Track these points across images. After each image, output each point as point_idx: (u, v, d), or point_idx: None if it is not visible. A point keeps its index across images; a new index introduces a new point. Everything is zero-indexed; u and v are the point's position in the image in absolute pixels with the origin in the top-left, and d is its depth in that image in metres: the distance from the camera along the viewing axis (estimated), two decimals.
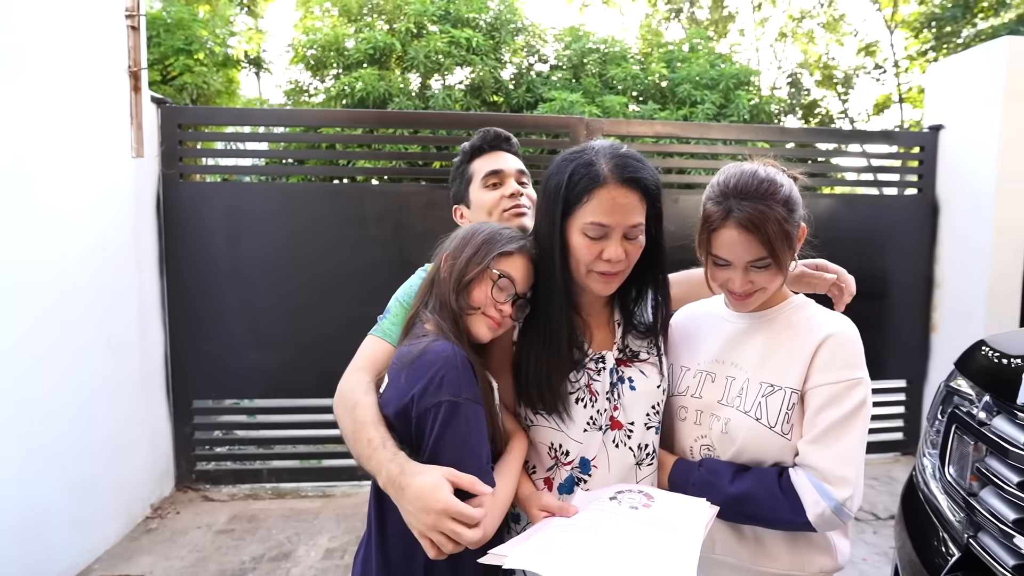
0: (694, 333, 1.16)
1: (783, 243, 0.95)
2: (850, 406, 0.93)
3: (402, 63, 8.30)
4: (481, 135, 1.35)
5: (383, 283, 3.26)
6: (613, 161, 0.96)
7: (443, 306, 0.99)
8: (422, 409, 0.86)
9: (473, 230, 1.04)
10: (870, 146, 4.01)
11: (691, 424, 1.08)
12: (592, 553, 0.81)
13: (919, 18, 10.53)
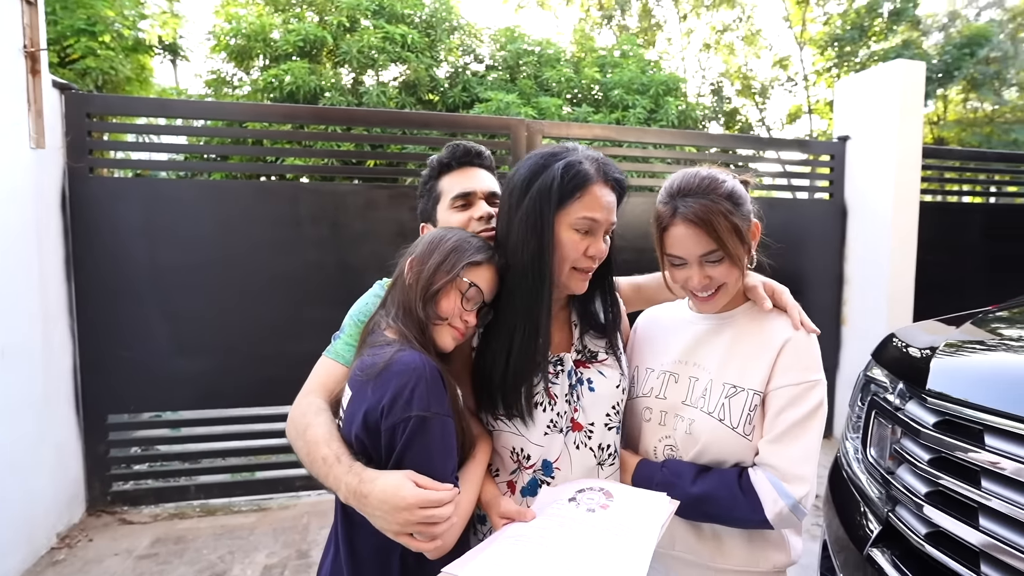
0: (658, 335, 1.18)
1: (731, 236, 0.98)
2: (809, 407, 0.97)
3: (334, 57, 8.02)
4: (450, 150, 1.24)
5: (319, 285, 3.18)
6: (596, 162, 1.00)
7: (408, 313, 0.95)
8: (391, 424, 0.83)
9: (440, 236, 1.01)
10: (787, 153, 4.32)
11: (655, 425, 1.09)
12: (541, 566, 0.82)
13: (824, 37, 11.50)
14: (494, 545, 0.88)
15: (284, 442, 3.26)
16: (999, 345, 1.31)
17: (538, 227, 0.97)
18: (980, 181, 4.87)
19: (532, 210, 0.98)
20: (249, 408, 3.22)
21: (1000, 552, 0.99)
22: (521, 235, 0.99)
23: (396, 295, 0.99)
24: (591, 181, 0.98)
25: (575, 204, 0.98)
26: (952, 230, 4.19)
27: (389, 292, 1.02)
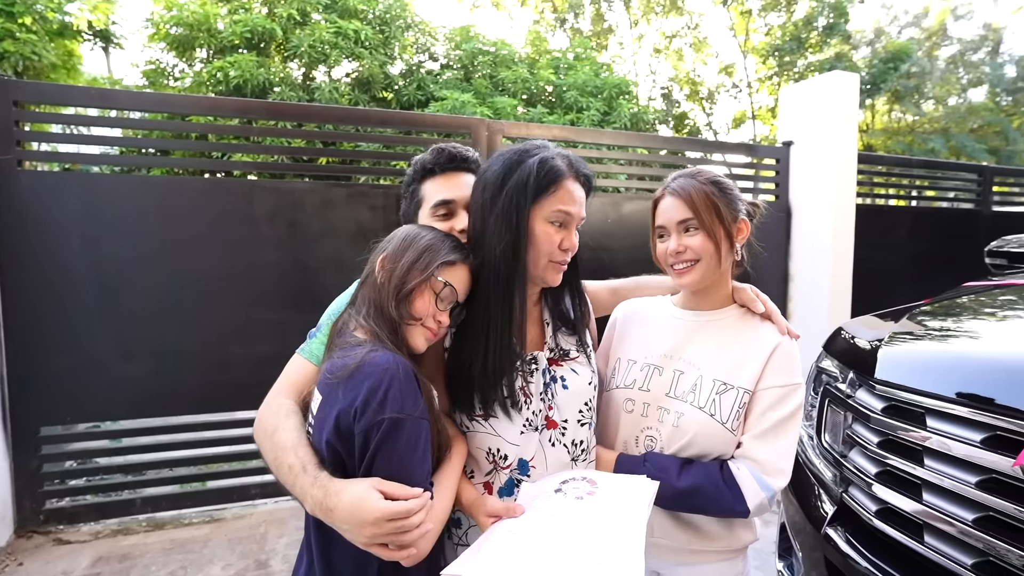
0: (640, 328, 1.21)
1: (708, 210, 1.06)
2: (792, 407, 1.04)
3: (283, 51, 7.76)
4: (435, 153, 1.18)
5: (275, 285, 3.07)
6: (567, 159, 1.03)
7: (379, 312, 0.93)
8: (364, 426, 0.80)
9: (413, 234, 0.99)
10: (736, 156, 4.52)
11: (637, 416, 1.12)
12: (543, 556, 0.82)
13: (765, 47, 12.09)
14: (489, 542, 0.88)
15: (237, 449, 3.13)
16: (934, 336, 1.43)
17: (513, 221, 0.98)
18: (903, 186, 5.24)
19: (508, 204, 0.99)
20: (199, 415, 3.07)
21: (941, 523, 1.08)
22: (496, 230, 0.99)
23: (367, 293, 0.96)
24: (563, 176, 1.01)
25: (550, 198, 1.00)
26: (883, 231, 4.50)
27: (359, 290, 0.99)
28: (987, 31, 14.29)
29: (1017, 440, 0.99)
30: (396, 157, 3.95)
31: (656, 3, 12.79)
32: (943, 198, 5.21)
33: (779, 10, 12.03)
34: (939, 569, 1.07)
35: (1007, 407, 1.03)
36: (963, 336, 1.40)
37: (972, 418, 1.07)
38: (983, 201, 5.10)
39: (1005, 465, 0.99)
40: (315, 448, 0.88)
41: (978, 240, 5.09)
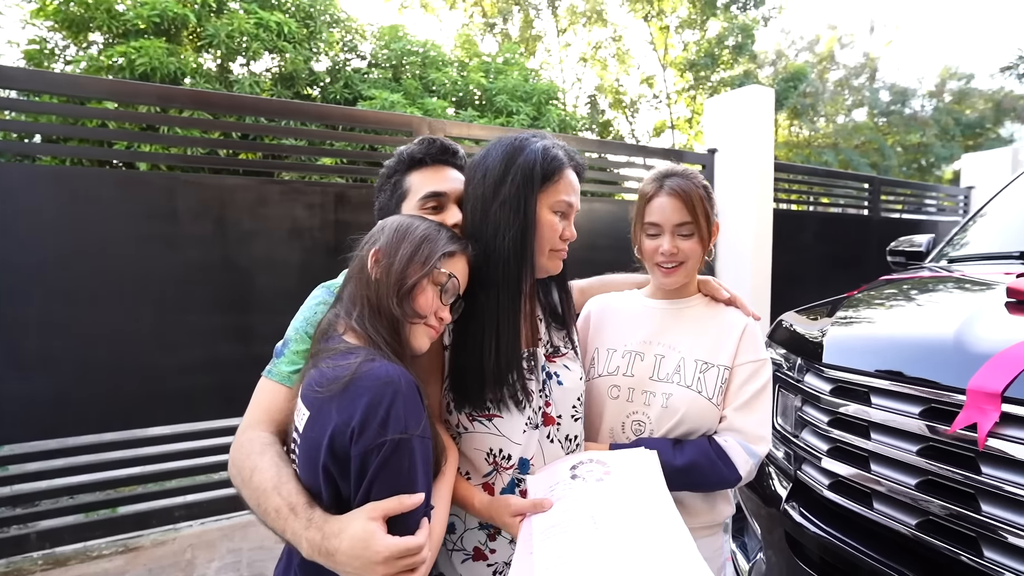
0: (615, 319, 1.24)
1: (703, 216, 1.10)
2: (764, 379, 1.11)
3: (196, 40, 7.21)
4: (425, 145, 1.13)
5: (201, 288, 2.84)
6: (564, 148, 1.03)
7: (376, 313, 0.85)
8: (363, 449, 0.73)
9: (407, 224, 0.92)
10: (664, 162, 4.75)
11: (623, 402, 1.14)
12: (605, 549, 0.81)
13: (683, 61, 12.85)
14: (538, 546, 0.85)
15: (156, 468, 2.85)
16: (871, 322, 1.57)
17: (521, 209, 0.97)
18: (811, 192, 5.74)
19: (514, 192, 0.97)
20: (106, 434, 2.75)
21: (887, 490, 1.19)
22: (502, 218, 0.97)
23: (358, 291, 0.88)
24: (564, 165, 1.02)
25: (554, 187, 1.00)
26: (793, 234, 4.91)
27: (345, 289, 0.92)
28: (866, 59, 16.09)
29: (950, 410, 1.11)
30: (332, 154, 3.77)
31: (582, 14, 13.22)
32: (837, 204, 5.77)
33: (694, 28, 12.86)
34: (888, 532, 1.18)
35: (938, 383, 1.15)
36: (895, 322, 1.55)
37: (910, 393, 1.19)
38: (873, 208, 5.71)
39: (940, 433, 1.11)
40: (301, 478, 0.80)
41: (870, 242, 5.71)
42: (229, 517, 3.00)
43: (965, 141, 15.48)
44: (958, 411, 1.08)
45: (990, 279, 1.61)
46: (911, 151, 15.29)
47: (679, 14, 13.04)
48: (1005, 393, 1.03)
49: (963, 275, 1.78)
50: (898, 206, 6.24)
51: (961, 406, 1.08)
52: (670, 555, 0.80)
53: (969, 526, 1.05)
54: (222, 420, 2.89)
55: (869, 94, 15.68)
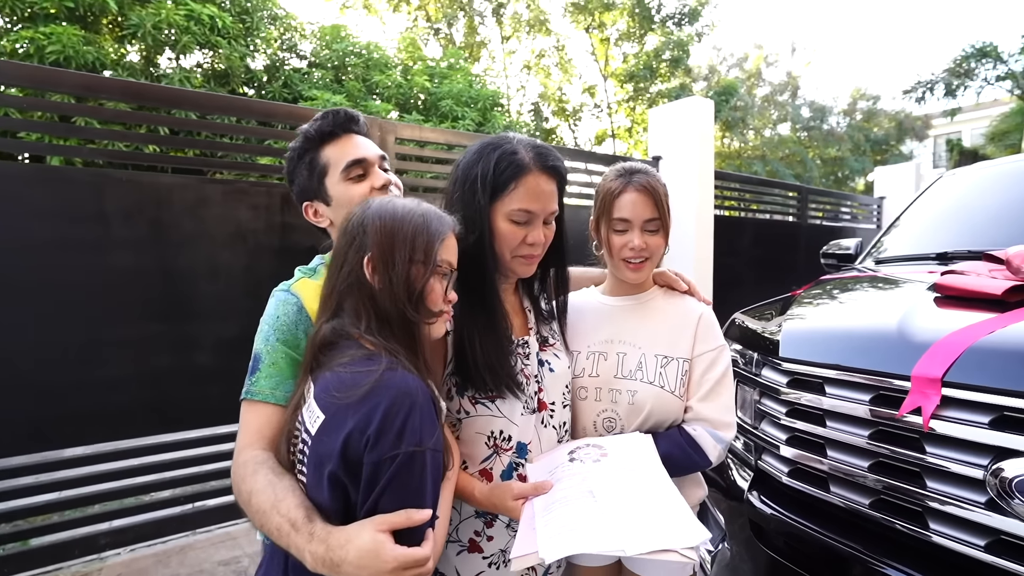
0: (578, 319, 1.25)
1: (667, 213, 1.15)
2: (724, 366, 1.15)
3: (119, 30, 6.72)
4: (330, 117, 1.12)
5: (135, 296, 2.63)
6: (534, 150, 1.02)
7: (387, 323, 0.82)
8: (377, 458, 0.72)
9: (389, 217, 0.85)
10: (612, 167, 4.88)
11: (592, 401, 1.16)
12: (607, 515, 0.83)
13: (623, 73, 13.28)
14: (540, 519, 0.86)
15: (77, 493, 2.59)
16: (820, 318, 1.68)
17: (476, 219, 0.98)
18: (746, 200, 6.08)
19: (470, 201, 0.99)
20: (16, 457, 2.48)
21: (842, 473, 1.27)
22: (465, 224, 0.98)
23: (361, 304, 0.84)
24: (526, 171, 0.99)
25: (510, 196, 0.99)
26: (732, 238, 5.17)
27: (342, 301, 0.85)
28: (789, 78, 17.28)
29: (897, 396, 1.20)
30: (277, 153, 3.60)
31: (526, 22, 13.41)
32: (768, 211, 6.15)
33: (633, 41, 13.35)
34: (844, 513, 1.25)
35: (885, 371, 1.24)
36: (842, 317, 1.66)
37: (861, 382, 1.27)
38: (801, 215, 6.12)
39: (888, 417, 1.20)
40: (306, 481, 0.79)
41: (798, 247, 6.12)
42: (164, 541, 2.79)
43: (875, 156, 16.96)
44: (904, 397, 1.17)
45: (916, 277, 1.76)
46: (829, 164, 16.57)
47: (619, 27, 13.50)
48: (945, 378, 1.12)
49: (892, 275, 1.93)
50: (820, 214, 6.72)
51: (907, 392, 1.17)
52: (667, 518, 0.83)
53: (916, 501, 1.14)
54: (156, 436, 2.69)
55: (792, 110, 16.84)
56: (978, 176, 2.45)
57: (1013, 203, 2.11)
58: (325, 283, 0.90)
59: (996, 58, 15.19)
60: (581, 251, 1.31)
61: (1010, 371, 1.07)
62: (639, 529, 0.80)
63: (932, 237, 2.24)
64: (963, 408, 1.10)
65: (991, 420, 1.05)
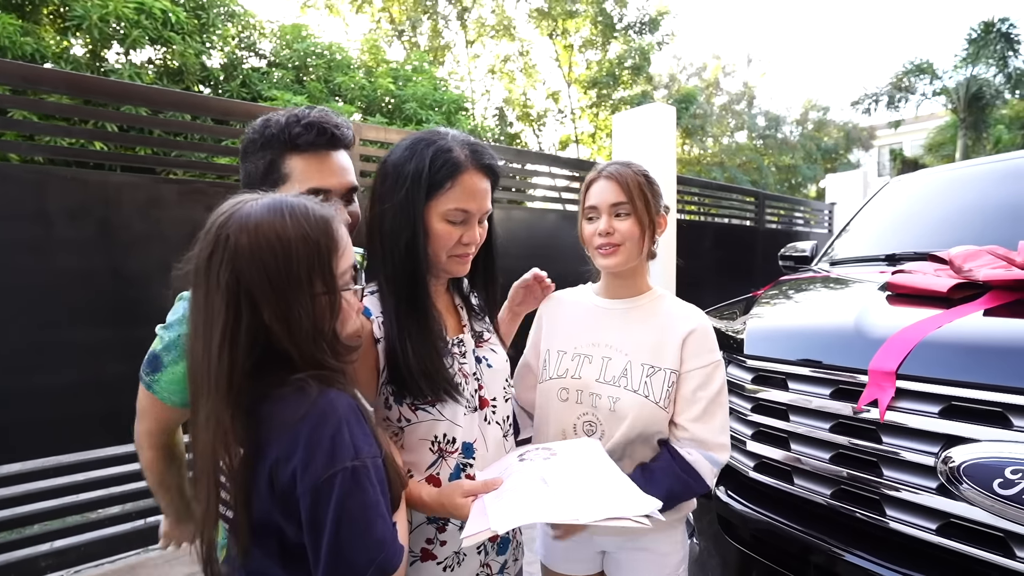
0: (565, 318, 1.24)
1: (641, 198, 1.12)
2: (718, 384, 1.11)
3: (61, 21, 6.38)
4: (313, 131, 0.98)
5: (83, 298, 2.50)
6: (469, 148, 0.98)
7: (308, 363, 0.72)
8: (312, 483, 0.66)
9: (272, 248, 0.68)
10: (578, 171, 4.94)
11: (572, 404, 1.15)
12: (560, 493, 0.83)
13: (586, 79, 13.49)
14: (495, 501, 0.85)
15: (13, 513, 2.42)
16: (781, 317, 1.74)
17: (410, 218, 0.94)
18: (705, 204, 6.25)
19: (403, 200, 0.95)
20: None
21: (805, 466, 1.31)
22: (395, 223, 0.95)
23: (266, 343, 0.71)
24: (461, 170, 0.96)
25: (446, 195, 0.96)
26: (693, 241, 5.31)
27: (248, 346, 0.70)
28: (745, 88, 17.94)
29: (856, 389, 1.25)
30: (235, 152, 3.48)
31: (490, 27, 13.45)
32: (726, 215, 6.36)
33: (596, 48, 13.58)
34: (807, 504, 1.29)
35: (844, 366, 1.29)
36: (803, 315, 1.72)
37: (822, 376, 1.32)
38: (758, 219, 6.34)
39: (848, 410, 1.24)
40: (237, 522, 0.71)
41: (756, 250, 6.34)
42: (113, 560, 2.63)
43: (825, 164, 17.78)
44: (862, 390, 1.22)
45: (868, 277, 1.84)
46: (784, 171, 17.27)
47: (582, 34, 13.72)
48: (899, 371, 1.17)
49: (846, 275, 2.02)
50: (775, 218, 6.98)
51: (864, 385, 1.22)
52: (618, 492, 0.85)
53: (873, 490, 1.18)
54: (104, 449, 2.55)
55: (748, 119, 17.49)
56: (921, 183, 2.59)
57: (953, 208, 2.24)
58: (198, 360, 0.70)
59: (932, 74, 16.20)
60: (569, 256, 1.28)
61: (957, 363, 1.13)
62: (591, 501, 0.82)
63: (881, 240, 2.35)
64: (916, 399, 1.15)
65: (941, 410, 1.11)
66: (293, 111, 1.02)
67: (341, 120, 1.04)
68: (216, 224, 0.70)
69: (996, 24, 15.33)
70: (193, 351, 0.70)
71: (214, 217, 0.72)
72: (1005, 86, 15.89)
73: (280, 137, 0.98)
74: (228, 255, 0.67)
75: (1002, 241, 1.62)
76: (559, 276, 1.36)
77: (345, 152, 1.06)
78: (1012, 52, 15.41)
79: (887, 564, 1.10)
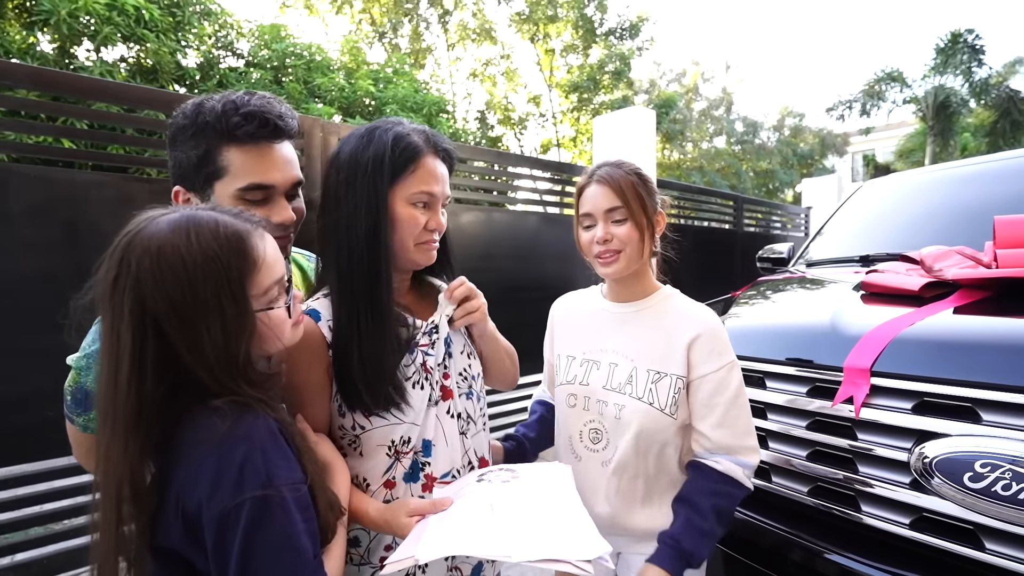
0: (575, 323, 1.22)
1: (636, 200, 1.06)
2: (735, 387, 1.05)
3: (26, 16, 6.20)
4: (255, 122, 0.90)
5: (47, 302, 2.41)
6: (424, 134, 0.96)
7: (219, 390, 0.68)
8: (218, 513, 0.62)
9: (173, 266, 0.65)
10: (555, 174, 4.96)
11: (580, 410, 1.13)
12: (502, 524, 0.79)
13: (567, 83, 13.57)
14: (429, 527, 0.80)
15: None
16: (758, 316, 1.75)
17: (373, 205, 0.90)
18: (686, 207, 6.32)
19: (365, 187, 0.90)
20: None
21: (783, 463, 1.32)
22: (354, 215, 0.91)
23: (179, 370, 0.69)
24: (423, 153, 0.94)
25: (409, 178, 0.93)
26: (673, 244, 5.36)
27: (157, 373, 0.67)
28: (724, 93, 18.25)
29: (832, 387, 1.26)
30: None
31: (471, 30, 13.46)
32: (706, 219, 6.45)
33: (577, 53, 13.69)
34: (784, 502, 1.30)
35: (820, 364, 1.30)
36: (780, 315, 1.74)
37: (799, 375, 1.33)
38: (737, 223, 6.43)
39: (824, 407, 1.26)
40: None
41: (735, 252, 6.42)
42: (77, 573, 2.54)
43: (801, 169, 18.16)
44: (838, 387, 1.23)
45: (843, 278, 1.87)
46: (761, 176, 17.61)
47: (563, 39, 13.81)
48: (873, 368, 1.19)
49: (821, 276, 2.05)
50: (754, 221, 7.10)
51: (840, 383, 1.23)
52: (567, 530, 0.79)
53: (849, 486, 1.20)
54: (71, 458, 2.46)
55: (727, 124, 17.79)
56: (893, 187, 2.65)
57: (924, 210, 2.29)
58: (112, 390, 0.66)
59: (902, 83, 16.69)
60: (549, 258, 1.26)
61: (928, 359, 1.15)
62: (532, 538, 0.76)
63: (855, 241, 2.40)
64: (889, 396, 1.17)
65: (914, 405, 1.13)
66: (230, 96, 0.92)
67: (284, 109, 0.96)
68: (119, 247, 0.67)
69: (963, 35, 15.89)
70: (101, 379, 0.66)
71: (119, 238, 0.68)
72: (971, 95, 16.46)
73: (216, 126, 0.89)
74: (131, 281, 0.64)
75: (969, 242, 1.66)
76: (541, 278, 1.34)
77: (289, 143, 0.98)
78: (977, 62, 15.98)
79: (864, 560, 1.11)
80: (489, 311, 1.16)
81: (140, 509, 0.65)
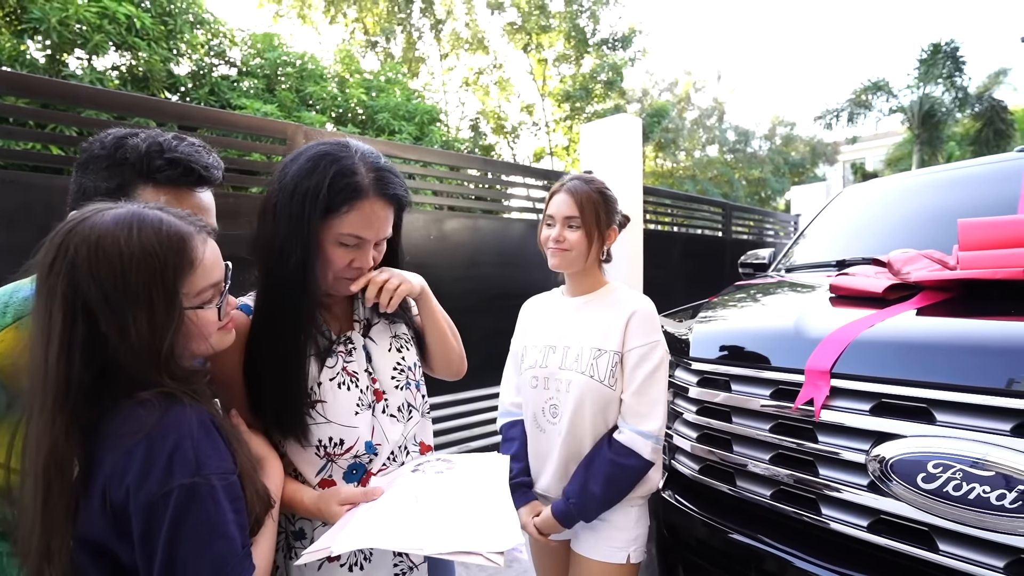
0: (537, 317, 1.45)
1: (592, 214, 1.29)
2: (654, 362, 1.26)
3: (16, 23, 6.20)
4: (172, 163, 0.89)
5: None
6: (375, 173, 0.94)
7: (143, 381, 0.69)
8: (146, 501, 0.63)
9: (109, 256, 0.66)
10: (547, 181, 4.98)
11: (540, 390, 1.34)
12: (421, 516, 0.82)
13: (560, 92, 13.67)
14: (358, 515, 0.83)
15: None
16: (728, 320, 1.75)
17: (303, 236, 0.90)
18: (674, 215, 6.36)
19: (297, 217, 0.90)
20: None
21: (747, 467, 1.31)
22: (285, 241, 0.91)
23: (107, 357, 0.69)
24: (362, 196, 0.91)
25: (343, 218, 0.92)
26: (661, 250, 5.38)
27: (85, 357, 0.68)
28: (715, 103, 18.40)
29: (794, 390, 1.26)
30: None
31: (464, 40, 13.56)
32: (696, 226, 6.48)
33: (570, 63, 13.80)
34: (748, 505, 1.30)
35: (782, 366, 1.30)
36: (747, 318, 1.74)
37: (762, 377, 1.33)
38: (726, 230, 6.46)
39: (787, 410, 1.25)
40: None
41: (724, 259, 6.45)
42: None
43: (793, 177, 18.30)
44: (800, 390, 1.23)
45: (816, 282, 1.88)
46: (754, 184, 17.73)
47: (556, 49, 13.92)
48: (833, 370, 1.19)
49: (797, 280, 2.06)
50: (744, 229, 7.14)
51: (802, 385, 1.23)
52: (483, 523, 0.82)
53: (810, 489, 1.19)
54: None
55: (719, 133, 17.92)
56: (872, 192, 2.67)
57: (899, 215, 2.31)
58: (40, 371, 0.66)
59: (888, 92, 16.88)
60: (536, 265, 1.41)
61: (886, 361, 1.15)
62: (447, 530, 0.79)
63: (833, 246, 2.42)
64: (849, 397, 1.17)
65: (872, 407, 1.12)
66: (157, 138, 0.91)
67: (212, 160, 0.96)
68: (60, 232, 0.68)
69: (944, 46, 16.10)
70: (32, 355, 0.67)
71: (63, 223, 0.70)
72: (953, 104, 16.67)
73: (136, 165, 0.89)
74: (66, 266, 0.66)
75: (941, 245, 1.67)
76: (527, 284, 1.53)
77: (209, 191, 0.99)
78: (958, 72, 16.19)
79: (824, 564, 1.10)
80: (475, 317, 1.23)
81: (63, 491, 0.65)
